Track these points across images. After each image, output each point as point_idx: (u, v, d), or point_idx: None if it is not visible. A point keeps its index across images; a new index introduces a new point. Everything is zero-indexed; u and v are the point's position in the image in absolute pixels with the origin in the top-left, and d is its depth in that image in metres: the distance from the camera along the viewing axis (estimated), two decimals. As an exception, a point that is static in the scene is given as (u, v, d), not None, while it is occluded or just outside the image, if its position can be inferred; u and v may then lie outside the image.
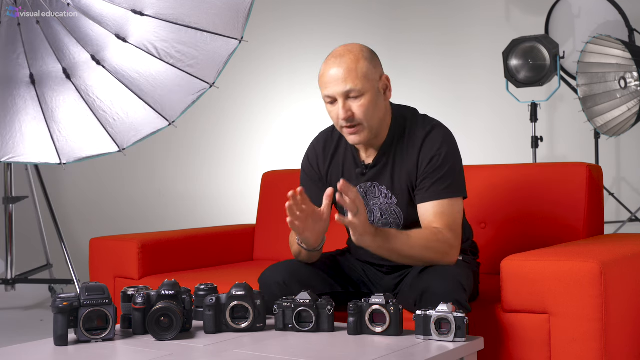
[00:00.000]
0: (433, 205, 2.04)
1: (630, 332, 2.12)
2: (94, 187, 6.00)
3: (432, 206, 2.04)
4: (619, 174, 4.61)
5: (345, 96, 2.02)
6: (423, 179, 2.06)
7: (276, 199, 3.25)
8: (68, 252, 4.04)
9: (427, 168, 2.06)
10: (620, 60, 4.07)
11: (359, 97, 2.02)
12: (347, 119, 2.02)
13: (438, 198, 2.04)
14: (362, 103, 2.02)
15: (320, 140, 2.26)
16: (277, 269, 2.14)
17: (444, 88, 5.06)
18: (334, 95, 2.03)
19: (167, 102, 3.63)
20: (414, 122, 2.12)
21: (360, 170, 2.15)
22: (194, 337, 1.91)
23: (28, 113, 3.64)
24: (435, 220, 2.03)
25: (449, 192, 2.05)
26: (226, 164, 5.79)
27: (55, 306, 1.84)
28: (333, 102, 2.06)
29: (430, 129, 2.10)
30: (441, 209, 2.04)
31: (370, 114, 2.04)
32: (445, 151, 2.06)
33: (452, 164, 2.07)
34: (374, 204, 2.15)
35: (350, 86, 2.01)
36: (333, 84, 2.03)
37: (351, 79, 2.01)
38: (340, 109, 2.02)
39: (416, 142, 2.09)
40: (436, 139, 2.08)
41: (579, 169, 2.57)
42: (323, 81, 2.07)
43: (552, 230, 2.55)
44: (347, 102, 2.03)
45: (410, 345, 1.78)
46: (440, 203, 2.04)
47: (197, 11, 3.56)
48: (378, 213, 2.15)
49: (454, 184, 2.06)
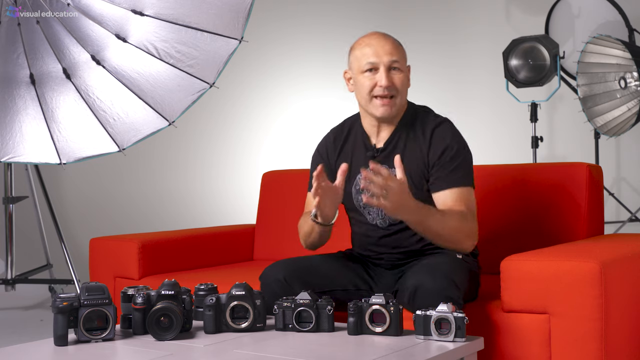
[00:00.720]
0: (452, 192, 2.11)
1: (630, 332, 2.12)
2: (94, 187, 6.00)
3: (452, 192, 2.11)
4: (619, 174, 4.61)
5: (389, 66, 2.15)
6: (438, 168, 2.13)
7: (276, 199, 3.25)
8: (68, 252, 4.04)
9: (441, 158, 2.13)
10: (620, 60, 4.07)
11: (399, 70, 2.16)
12: (388, 87, 2.13)
13: (457, 185, 2.12)
14: (401, 77, 2.16)
15: (330, 135, 2.36)
16: (277, 266, 2.17)
17: (444, 88, 5.06)
18: (378, 64, 2.14)
19: (167, 102, 3.63)
20: (426, 114, 2.24)
21: (372, 153, 2.22)
22: (194, 337, 1.91)
23: (28, 113, 3.64)
24: (457, 205, 2.09)
25: (466, 181, 2.13)
26: (226, 164, 5.79)
27: (55, 306, 1.84)
28: (373, 70, 2.15)
29: (441, 122, 2.21)
30: (461, 195, 2.11)
31: (404, 89, 2.18)
32: (458, 142, 2.16)
33: (464, 155, 2.16)
34: None
35: (396, 57, 2.15)
36: (380, 52, 2.15)
37: (397, 52, 2.17)
38: (384, 77, 2.13)
39: (426, 130, 2.18)
40: (447, 131, 2.18)
41: (579, 169, 2.57)
42: (366, 51, 2.17)
43: (552, 230, 2.55)
44: (390, 73, 2.14)
45: (410, 345, 1.78)
46: (459, 190, 2.11)
47: (197, 11, 3.56)
48: None
49: (469, 174, 2.15)
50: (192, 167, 5.91)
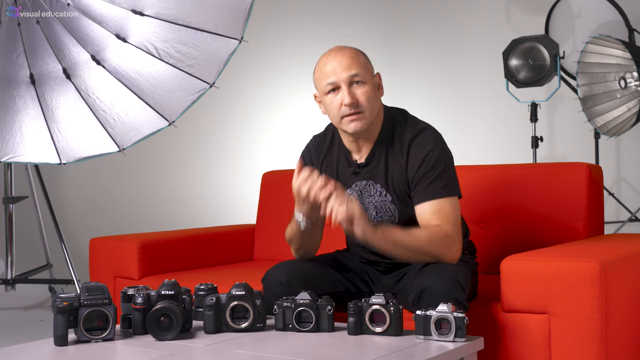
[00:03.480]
0: (431, 204, 2.06)
1: (630, 332, 2.12)
2: (94, 187, 6.00)
3: (430, 205, 2.06)
4: (619, 174, 4.61)
5: (350, 83, 2.07)
6: (418, 181, 2.08)
7: (276, 199, 3.25)
8: (68, 252, 4.04)
9: (420, 169, 2.08)
10: (620, 60, 4.07)
11: (362, 84, 2.08)
12: (352, 104, 2.06)
13: (436, 197, 2.05)
14: (365, 90, 2.08)
15: (313, 143, 2.30)
16: (280, 268, 2.15)
17: (444, 88, 5.06)
18: (338, 83, 2.08)
19: (167, 102, 3.63)
20: (403, 124, 2.16)
21: (353, 169, 2.17)
22: (194, 337, 1.91)
23: (28, 113, 3.64)
24: (434, 218, 2.04)
25: (445, 192, 2.06)
26: (226, 164, 5.79)
27: (55, 306, 1.84)
28: (335, 90, 2.09)
29: (418, 131, 2.12)
30: (439, 207, 2.05)
31: (371, 102, 2.09)
32: (437, 153, 2.08)
33: (445, 164, 2.09)
34: (369, 202, 2.16)
35: (355, 72, 2.07)
36: (338, 70, 2.08)
37: (355, 66, 2.08)
38: (346, 95, 2.06)
39: (404, 143, 2.12)
40: (425, 141, 2.10)
41: (579, 169, 2.57)
42: (324, 71, 2.10)
43: (552, 230, 2.55)
44: (351, 89, 2.07)
45: (410, 345, 1.78)
46: (438, 202, 2.05)
47: (197, 11, 3.56)
48: (373, 211, 2.16)
49: (450, 183, 2.08)
50: (192, 167, 5.91)
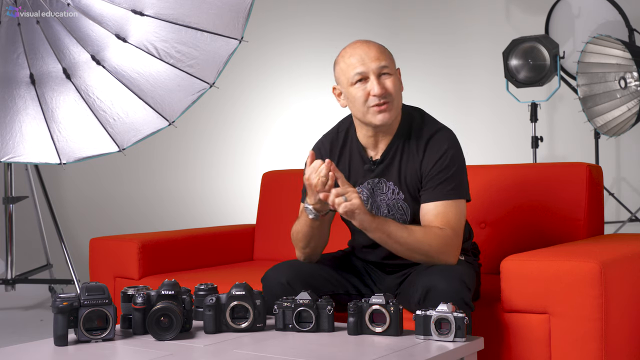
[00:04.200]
0: (436, 205, 2.06)
1: (630, 332, 2.12)
2: (94, 187, 6.00)
3: (435, 206, 2.06)
4: (619, 174, 4.61)
5: (379, 73, 2.07)
6: (429, 180, 2.08)
7: (276, 199, 3.25)
8: (68, 252, 4.04)
9: (433, 169, 2.08)
10: (620, 60, 4.07)
11: (390, 75, 2.08)
12: (382, 94, 2.05)
13: (443, 199, 2.05)
14: (393, 80, 2.09)
15: (325, 141, 2.26)
16: (280, 269, 2.14)
17: (444, 88, 5.06)
18: (367, 73, 2.07)
19: (167, 102, 3.62)
20: (421, 122, 2.15)
21: (369, 166, 2.16)
22: (194, 337, 1.91)
23: (28, 113, 3.64)
24: (436, 220, 2.04)
25: (454, 194, 2.06)
26: (226, 164, 5.79)
27: (55, 306, 1.84)
28: (363, 80, 2.08)
29: (436, 130, 2.13)
30: (444, 209, 2.05)
31: (398, 93, 2.11)
32: (452, 153, 2.09)
33: (458, 166, 2.09)
34: (381, 199, 2.15)
35: (384, 63, 2.08)
36: (366, 61, 2.07)
37: (384, 57, 2.09)
38: (375, 85, 2.06)
39: (421, 141, 2.11)
40: (442, 141, 2.10)
41: (579, 169, 2.57)
42: (350, 62, 2.09)
43: (552, 231, 2.55)
44: (381, 79, 2.07)
45: (410, 345, 1.78)
46: (444, 204, 2.05)
47: (197, 11, 3.56)
48: (385, 209, 2.15)
49: (460, 186, 2.08)
50: (192, 167, 5.91)
